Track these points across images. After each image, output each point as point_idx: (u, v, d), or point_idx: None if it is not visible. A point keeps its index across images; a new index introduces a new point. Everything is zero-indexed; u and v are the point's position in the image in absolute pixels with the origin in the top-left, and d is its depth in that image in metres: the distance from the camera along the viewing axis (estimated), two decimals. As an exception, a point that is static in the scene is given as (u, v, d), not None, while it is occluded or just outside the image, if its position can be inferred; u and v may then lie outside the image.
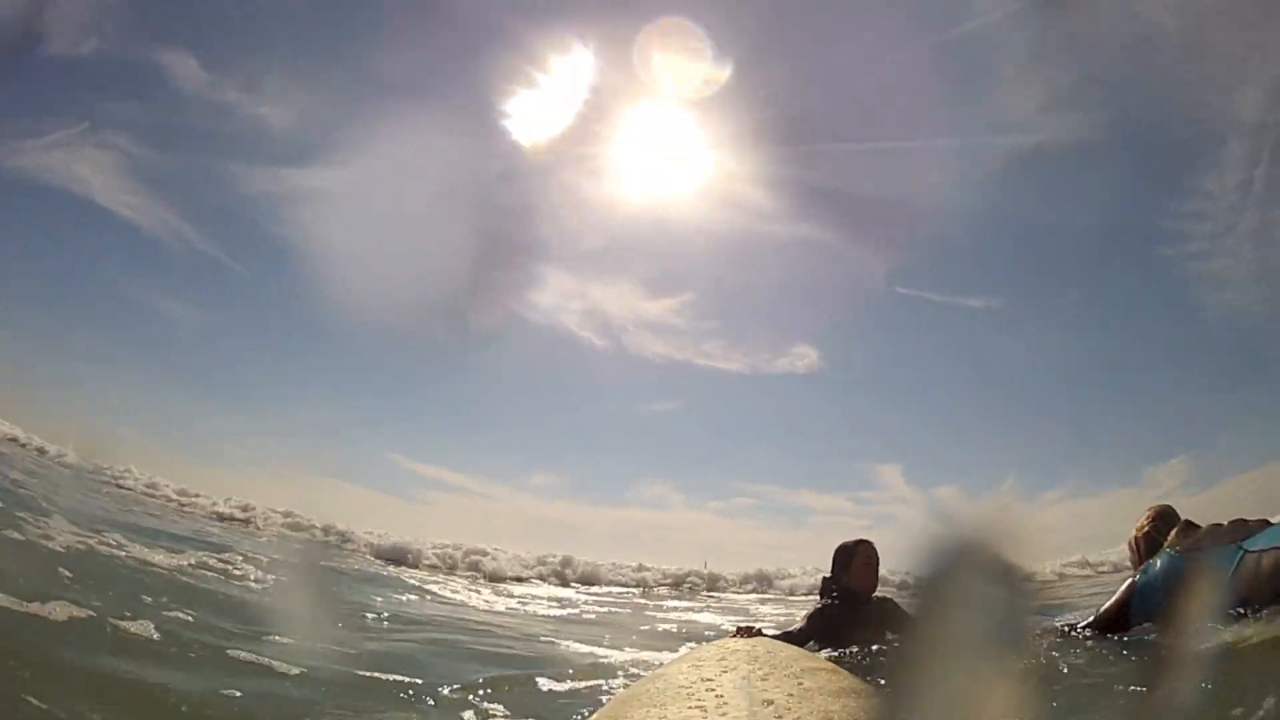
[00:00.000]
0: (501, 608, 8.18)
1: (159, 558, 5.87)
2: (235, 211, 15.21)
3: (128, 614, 3.71)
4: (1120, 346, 16.07)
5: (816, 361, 15.46)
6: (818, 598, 3.88)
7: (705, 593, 12.46)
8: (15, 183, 13.68)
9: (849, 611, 3.63)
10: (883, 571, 3.82)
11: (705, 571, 12.93)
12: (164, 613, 4.00)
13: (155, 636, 3.53)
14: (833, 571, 3.83)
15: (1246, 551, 2.86)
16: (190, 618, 4.07)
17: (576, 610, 8.45)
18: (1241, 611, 2.73)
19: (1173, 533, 3.19)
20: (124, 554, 5.57)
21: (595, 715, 2.28)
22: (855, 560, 3.77)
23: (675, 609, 9.26)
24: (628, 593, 12.01)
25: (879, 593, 3.80)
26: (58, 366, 14.09)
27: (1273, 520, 2.99)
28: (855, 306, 15.89)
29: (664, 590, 12.51)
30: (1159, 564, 3.13)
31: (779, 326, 16.05)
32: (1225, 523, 3.13)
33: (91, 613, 3.53)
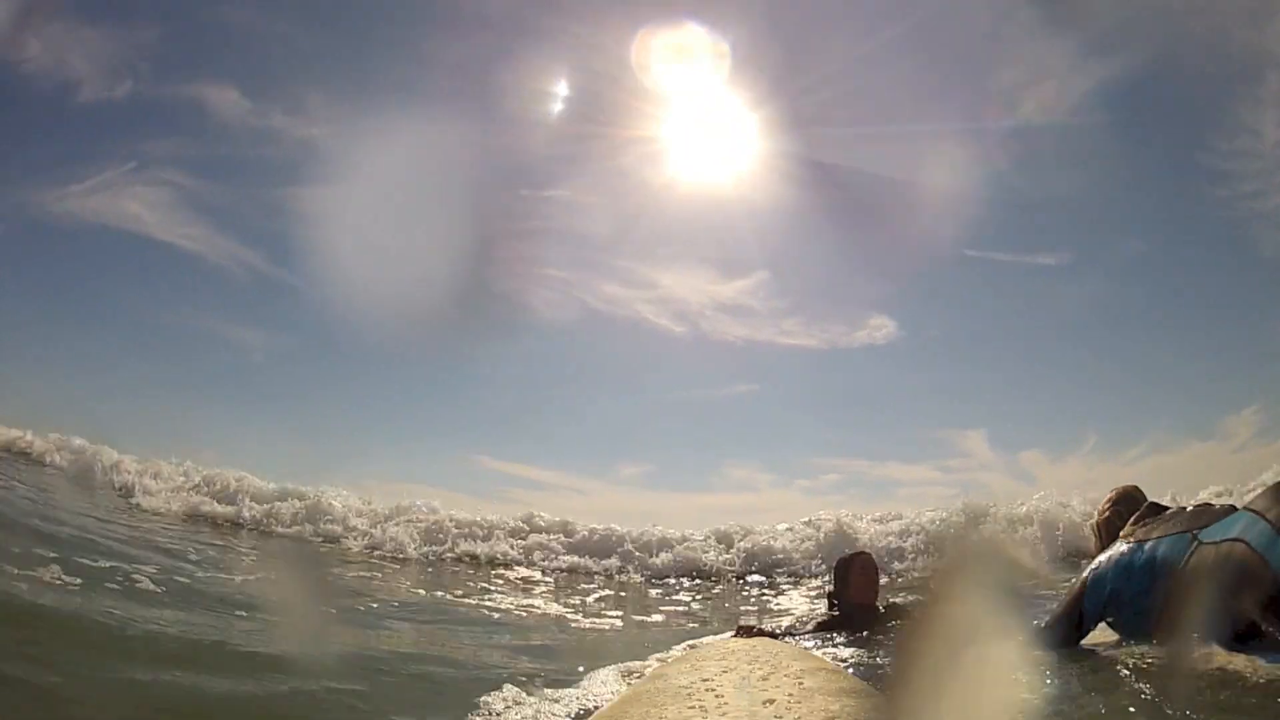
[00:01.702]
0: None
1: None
2: (296, 234, 15.46)
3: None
4: (1183, 294, 16.10)
5: (894, 332, 15.78)
6: (825, 609, 3.90)
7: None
8: (65, 226, 13.84)
9: (851, 624, 3.61)
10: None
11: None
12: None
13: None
14: (835, 586, 3.83)
15: (1201, 543, 2.57)
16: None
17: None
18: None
19: (1131, 519, 2.88)
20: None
21: (595, 715, 2.29)
22: (850, 574, 3.78)
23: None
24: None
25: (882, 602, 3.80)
26: (144, 403, 14.33)
27: (1238, 506, 2.64)
28: (926, 273, 16.29)
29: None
30: (1112, 555, 2.83)
31: (853, 299, 16.42)
32: (1189, 507, 2.81)
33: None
